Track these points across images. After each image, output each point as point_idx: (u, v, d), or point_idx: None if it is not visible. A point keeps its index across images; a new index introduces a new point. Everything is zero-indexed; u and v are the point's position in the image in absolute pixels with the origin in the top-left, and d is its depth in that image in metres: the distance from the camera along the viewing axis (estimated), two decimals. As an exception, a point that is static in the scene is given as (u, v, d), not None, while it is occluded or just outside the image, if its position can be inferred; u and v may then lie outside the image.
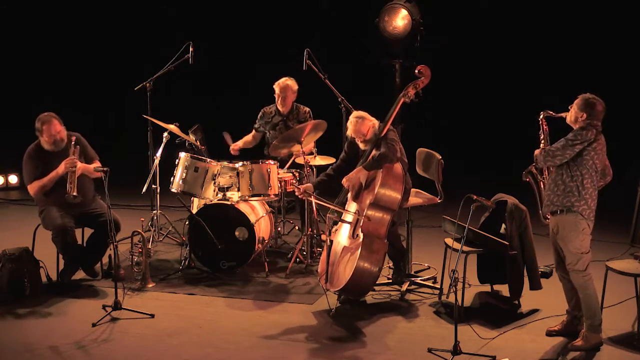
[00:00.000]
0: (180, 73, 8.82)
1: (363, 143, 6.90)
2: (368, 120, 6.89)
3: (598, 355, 5.88)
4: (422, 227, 8.57)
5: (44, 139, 7.10)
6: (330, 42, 10.63)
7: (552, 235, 5.99)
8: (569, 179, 5.77)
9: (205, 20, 11.69)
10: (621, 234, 8.05)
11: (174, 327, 6.39)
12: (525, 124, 7.03)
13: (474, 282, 7.04)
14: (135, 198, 9.12)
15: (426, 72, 6.93)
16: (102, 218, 7.08)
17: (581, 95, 5.87)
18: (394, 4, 8.81)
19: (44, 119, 7.08)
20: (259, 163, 7.46)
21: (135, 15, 11.78)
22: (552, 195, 5.88)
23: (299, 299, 6.92)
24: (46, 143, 7.10)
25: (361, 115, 6.91)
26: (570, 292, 6.10)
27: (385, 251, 6.66)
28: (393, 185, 6.63)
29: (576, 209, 5.78)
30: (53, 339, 6.18)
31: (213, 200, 7.51)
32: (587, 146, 5.75)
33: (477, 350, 5.88)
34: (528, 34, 10.61)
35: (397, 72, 9.05)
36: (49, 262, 7.19)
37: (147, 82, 8.40)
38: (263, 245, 7.56)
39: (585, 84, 7.79)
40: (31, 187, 7.12)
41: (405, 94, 6.93)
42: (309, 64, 8.08)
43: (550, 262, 7.31)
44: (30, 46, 12.07)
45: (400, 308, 6.76)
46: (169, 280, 7.32)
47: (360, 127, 6.86)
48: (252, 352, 6.00)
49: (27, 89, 11.89)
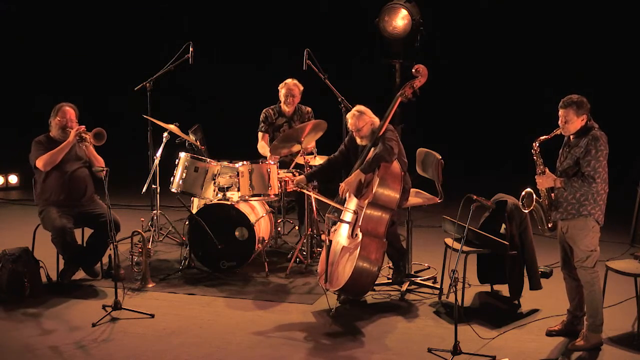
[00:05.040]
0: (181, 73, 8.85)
1: (360, 138, 6.93)
2: (366, 116, 6.90)
3: (598, 355, 5.87)
4: (422, 227, 8.57)
5: (55, 122, 7.15)
6: (330, 42, 10.65)
7: (561, 234, 5.99)
8: (586, 186, 5.76)
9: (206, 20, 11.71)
10: (621, 234, 8.05)
11: (174, 327, 6.39)
12: (526, 123, 7.04)
13: (474, 282, 7.04)
14: (135, 198, 9.13)
15: (423, 71, 6.94)
16: (102, 218, 7.08)
17: (566, 102, 5.79)
18: (394, 4, 8.81)
19: (63, 104, 7.21)
20: (259, 163, 7.46)
21: (135, 15, 11.79)
22: (565, 204, 5.86)
23: (299, 299, 6.92)
24: (56, 126, 7.14)
25: (361, 110, 6.93)
26: (573, 291, 6.09)
27: (384, 251, 6.66)
28: (391, 184, 6.63)
29: (591, 215, 5.81)
30: (53, 339, 6.18)
31: (213, 200, 7.51)
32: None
33: (477, 350, 5.88)
34: (528, 33, 10.62)
35: (397, 72, 9.05)
36: (49, 262, 7.19)
37: (147, 82, 8.40)
38: (263, 245, 7.56)
39: (585, 83, 7.80)
40: (40, 159, 7.08)
41: (402, 93, 6.94)
42: (309, 64, 8.09)
43: (550, 262, 7.34)
44: (30, 47, 12.08)
45: (400, 308, 6.75)
46: (169, 280, 7.32)
47: (356, 121, 6.89)
48: (252, 352, 6.00)
49: (27, 89, 11.90)
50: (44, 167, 7.08)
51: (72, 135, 7.06)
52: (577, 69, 10.12)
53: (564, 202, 5.86)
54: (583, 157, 5.75)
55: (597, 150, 5.73)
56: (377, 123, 6.89)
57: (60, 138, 7.14)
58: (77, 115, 7.22)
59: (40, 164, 7.08)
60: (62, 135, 7.13)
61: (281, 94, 8.12)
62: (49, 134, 7.22)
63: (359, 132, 6.90)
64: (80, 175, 7.21)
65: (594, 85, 9.26)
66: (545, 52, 10.63)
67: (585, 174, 5.74)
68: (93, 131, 7.09)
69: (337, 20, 11.16)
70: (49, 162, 7.07)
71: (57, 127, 7.15)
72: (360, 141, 6.94)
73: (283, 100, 8.12)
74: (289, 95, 8.07)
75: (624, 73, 10.24)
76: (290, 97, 8.07)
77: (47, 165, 7.08)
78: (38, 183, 7.23)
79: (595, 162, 5.73)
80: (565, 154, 5.94)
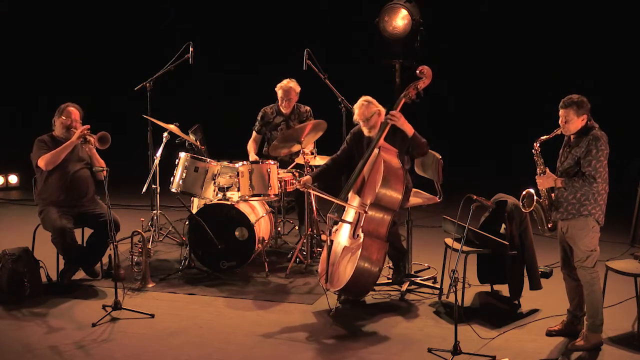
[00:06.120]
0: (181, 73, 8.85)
1: (367, 128, 6.94)
2: (374, 106, 6.93)
3: (598, 355, 5.87)
4: (422, 227, 8.57)
5: (59, 121, 7.15)
6: (330, 42, 10.65)
7: (561, 234, 5.99)
8: (587, 186, 5.75)
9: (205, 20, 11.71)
10: (621, 234, 8.05)
11: (174, 327, 6.39)
12: (526, 123, 7.04)
13: (474, 282, 7.04)
14: (135, 198, 9.13)
15: (427, 72, 6.93)
16: (102, 218, 7.08)
17: (566, 102, 5.80)
18: (394, 4, 8.80)
19: (68, 104, 7.22)
20: (259, 163, 7.46)
21: (135, 15, 11.79)
22: (565, 204, 5.86)
23: (299, 299, 6.92)
24: (60, 126, 7.14)
25: (368, 100, 6.96)
26: (573, 291, 6.10)
27: (385, 251, 6.65)
28: (394, 185, 6.63)
29: (591, 215, 5.81)
30: (53, 339, 6.18)
31: (213, 200, 7.51)
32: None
33: (477, 350, 5.88)
34: (528, 34, 10.62)
35: (397, 72, 9.04)
36: (49, 262, 7.19)
37: (147, 82, 8.41)
38: (263, 245, 7.56)
39: (585, 83, 7.80)
40: (42, 159, 7.07)
41: (406, 95, 6.93)
42: (309, 64, 8.09)
43: (550, 262, 7.34)
44: (30, 48, 12.07)
45: (400, 308, 6.75)
46: (169, 280, 7.32)
47: (364, 111, 6.91)
48: (252, 351, 6.00)
49: (27, 89, 11.90)
50: (45, 166, 7.08)
51: (76, 135, 7.05)
52: (577, 69, 10.12)
53: (564, 202, 5.86)
54: (584, 157, 5.75)
55: (598, 150, 5.73)
56: (383, 112, 6.90)
57: (64, 138, 7.14)
58: (82, 115, 7.23)
59: (42, 163, 7.08)
60: (66, 135, 7.14)
61: (277, 96, 8.13)
62: (52, 133, 7.23)
63: (367, 122, 6.91)
64: (82, 176, 7.21)
65: (593, 84, 9.28)
66: (545, 52, 10.63)
67: (586, 174, 5.74)
68: (98, 135, 7.06)
69: (337, 20, 11.17)
70: (50, 162, 7.07)
71: (61, 126, 7.16)
72: (368, 132, 6.94)
73: (279, 102, 8.13)
74: (285, 99, 8.08)
75: (624, 73, 10.24)
76: (286, 100, 8.08)
77: (49, 165, 7.07)
78: (39, 183, 7.23)
79: (596, 162, 5.73)
80: (565, 154, 5.94)
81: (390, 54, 8.96)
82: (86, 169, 7.24)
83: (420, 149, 6.89)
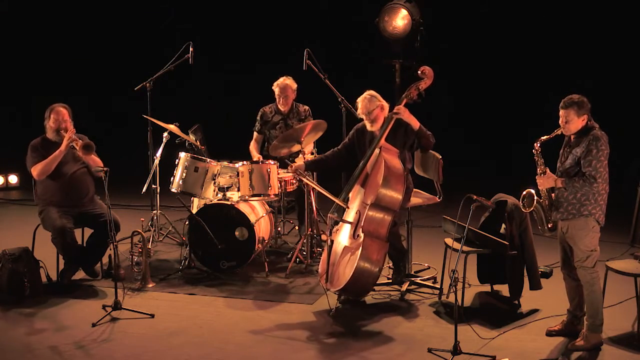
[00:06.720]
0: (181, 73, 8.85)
1: (370, 122, 6.95)
2: (377, 100, 6.94)
3: (598, 355, 5.87)
4: (422, 227, 8.57)
5: (49, 125, 7.13)
6: (330, 42, 10.64)
7: (561, 234, 5.99)
8: (587, 186, 5.75)
9: (205, 20, 11.71)
10: (621, 234, 8.05)
11: (174, 327, 6.39)
12: (526, 123, 7.04)
13: (474, 282, 7.04)
14: (135, 198, 9.13)
15: (429, 73, 6.94)
16: (102, 218, 7.08)
17: (566, 102, 5.79)
18: (394, 4, 8.80)
19: (55, 105, 7.18)
20: (259, 163, 7.46)
21: (135, 15, 11.79)
22: (566, 204, 5.86)
23: (299, 299, 6.92)
24: (51, 129, 7.12)
25: (372, 94, 6.98)
26: (573, 291, 6.10)
27: (385, 252, 6.66)
28: (395, 185, 6.63)
29: (592, 215, 5.81)
30: (53, 339, 6.18)
31: (213, 200, 7.51)
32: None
33: (477, 350, 5.88)
34: (528, 34, 10.62)
35: (397, 72, 9.04)
36: (49, 262, 7.19)
37: (147, 82, 8.40)
38: (263, 245, 7.56)
39: (585, 83, 7.80)
40: (34, 169, 7.08)
41: (407, 95, 6.94)
42: (309, 64, 8.09)
43: (550, 262, 7.34)
44: (30, 47, 12.07)
45: (400, 308, 6.75)
46: (169, 280, 7.32)
47: (368, 104, 6.93)
48: (251, 351, 6.00)
49: (27, 89, 11.89)
50: (38, 176, 7.09)
51: (64, 145, 7.02)
52: (577, 69, 10.12)
53: (565, 202, 5.86)
54: (584, 157, 5.75)
55: (598, 150, 5.73)
56: (386, 107, 6.91)
57: (56, 140, 7.11)
58: (71, 114, 7.18)
59: (35, 174, 7.09)
60: (57, 137, 7.11)
61: (275, 94, 8.14)
62: (45, 136, 7.20)
63: (370, 116, 6.92)
64: (80, 176, 7.20)
65: (593, 84, 9.28)
66: (546, 53, 10.63)
67: (586, 174, 5.74)
68: (81, 143, 7.02)
69: (337, 20, 11.16)
70: (42, 172, 7.06)
71: (50, 130, 7.13)
72: (371, 126, 6.95)
73: (277, 99, 8.14)
74: (282, 96, 8.09)
75: (624, 73, 10.24)
76: (283, 97, 8.09)
77: (41, 175, 7.07)
78: (38, 184, 7.23)
79: (597, 162, 5.73)
80: (566, 154, 5.94)
81: (390, 54, 8.95)
82: (84, 168, 7.23)
83: (427, 140, 6.91)
